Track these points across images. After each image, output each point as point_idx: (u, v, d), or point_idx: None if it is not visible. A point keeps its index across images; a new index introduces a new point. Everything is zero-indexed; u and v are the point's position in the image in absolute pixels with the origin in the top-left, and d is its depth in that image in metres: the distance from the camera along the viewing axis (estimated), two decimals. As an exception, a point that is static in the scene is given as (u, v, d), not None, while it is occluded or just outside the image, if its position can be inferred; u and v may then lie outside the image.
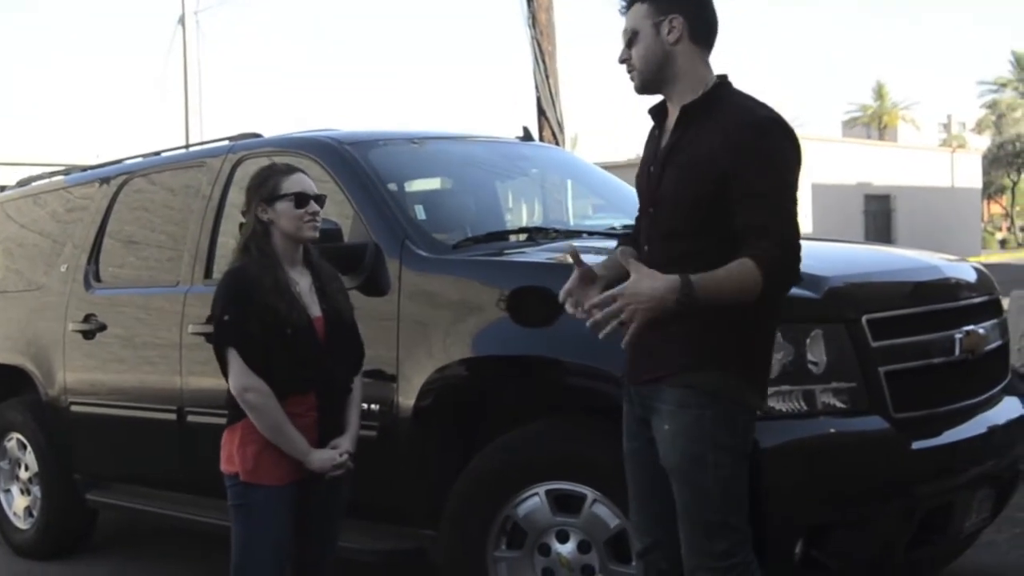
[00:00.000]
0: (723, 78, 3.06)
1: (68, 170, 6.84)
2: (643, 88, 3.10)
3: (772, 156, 2.88)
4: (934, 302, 3.93)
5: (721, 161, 2.87)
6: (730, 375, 2.94)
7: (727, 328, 2.91)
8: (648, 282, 2.79)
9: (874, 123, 61.62)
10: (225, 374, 3.55)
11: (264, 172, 3.69)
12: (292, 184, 3.59)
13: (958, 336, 3.84)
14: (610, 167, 6.67)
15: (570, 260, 3.08)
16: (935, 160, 45.12)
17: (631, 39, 3.07)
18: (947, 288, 4.08)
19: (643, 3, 3.05)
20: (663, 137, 3.09)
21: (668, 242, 2.99)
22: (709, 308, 2.81)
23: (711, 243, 2.91)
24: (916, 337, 3.73)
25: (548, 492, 3.70)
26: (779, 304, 3.06)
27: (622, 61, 3.11)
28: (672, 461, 3.01)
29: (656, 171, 3.05)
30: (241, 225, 3.72)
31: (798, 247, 2.87)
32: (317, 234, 3.64)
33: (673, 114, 3.07)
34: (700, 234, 2.93)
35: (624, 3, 3.12)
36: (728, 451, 2.97)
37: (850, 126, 61.60)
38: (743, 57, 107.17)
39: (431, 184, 5.41)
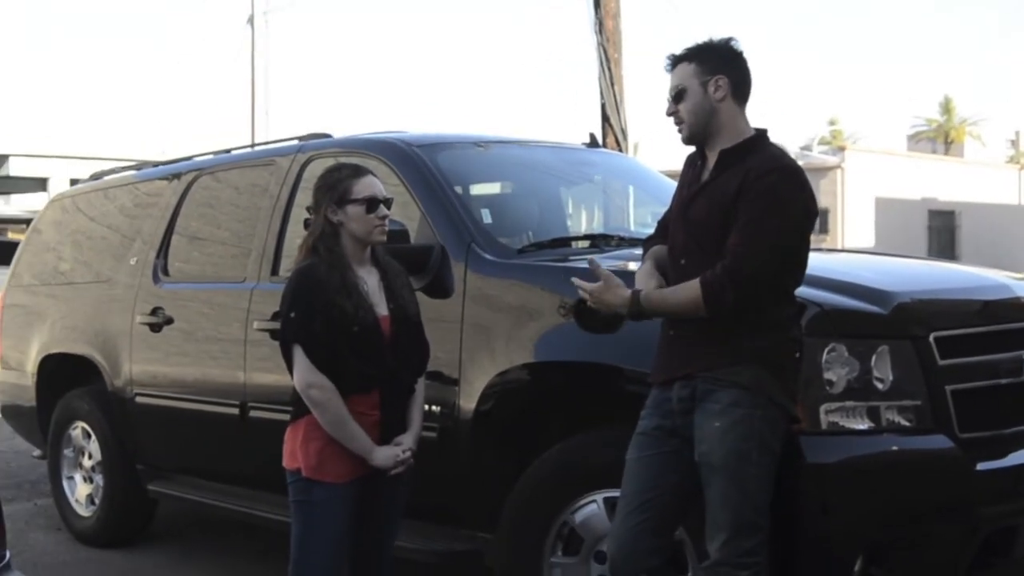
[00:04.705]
0: (762, 131, 3.39)
1: (139, 165, 6.95)
2: (690, 140, 3.44)
3: (773, 195, 3.20)
4: (1003, 321, 3.89)
5: (737, 194, 3.22)
6: (769, 375, 3.20)
7: (758, 330, 3.21)
8: (608, 296, 3.33)
9: (940, 138, 60.77)
10: (290, 371, 3.59)
11: (335, 173, 3.69)
12: (363, 188, 3.62)
13: (1026, 357, 3.79)
14: (672, 174, 6.64)
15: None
16: (1002, 177, 44.34)
17: (679, 95, 3.39)
18: (1016, 307, 4.03)
19: (690, 63, 3.39)
20: (704, 172, 3.40)
21: (698, 255, 3.30)
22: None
23: None
24: (984, 356, 3.70)
25: (606, 499, 3.70)
26: (800, 310, 3.35)
27: (670, 114, 3.44)
28: (718, 457, 3.21)
29: (691, 197, 3.40)
30: (306, 222, 3.76)
31: (745, 279, 3.15)
32: (385, 238, 3.67)
33: (712, 157, 3.39)
34: (719, 252, 3.24)
35: (670, 62, 3.44)
36: (769, 453, 3.22)
37: (915, 140, 60.78)
38: (811, 68, 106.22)
39: (496, 188, 5.43)
